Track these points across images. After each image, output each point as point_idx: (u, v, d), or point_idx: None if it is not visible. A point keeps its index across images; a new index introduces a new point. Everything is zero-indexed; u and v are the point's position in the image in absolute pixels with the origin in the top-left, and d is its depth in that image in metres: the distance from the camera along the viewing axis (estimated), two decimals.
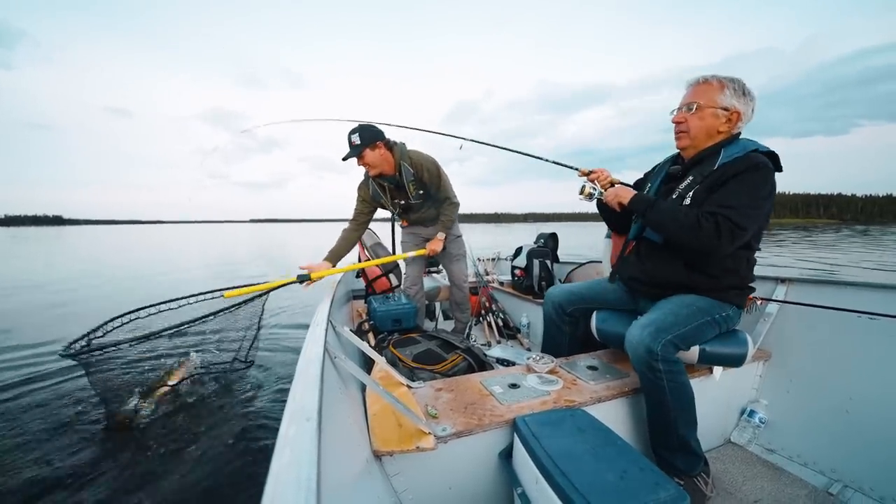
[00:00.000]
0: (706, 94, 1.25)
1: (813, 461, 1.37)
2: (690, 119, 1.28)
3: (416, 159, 2.16)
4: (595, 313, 1.60)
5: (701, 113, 1.26)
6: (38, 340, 3.56)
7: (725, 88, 1.23)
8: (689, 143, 1.31)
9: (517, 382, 1.32)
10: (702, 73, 1.31)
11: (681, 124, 1.31)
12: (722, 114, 1.24)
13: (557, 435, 0.99)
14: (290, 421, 0.53)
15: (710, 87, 1.25)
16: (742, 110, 1.24)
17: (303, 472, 0.42)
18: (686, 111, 1.28)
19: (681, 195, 1.28)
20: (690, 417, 1.21)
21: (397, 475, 1.00)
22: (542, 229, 3.17)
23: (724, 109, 1.24)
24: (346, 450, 0.83)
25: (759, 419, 1.52)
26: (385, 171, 2.15)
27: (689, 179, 1.28)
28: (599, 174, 1.49)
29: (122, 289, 6.88)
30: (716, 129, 1.26)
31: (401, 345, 1.73)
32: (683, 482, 1.21)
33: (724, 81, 1.24)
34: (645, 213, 1.29)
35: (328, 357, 0.99)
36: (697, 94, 1.27)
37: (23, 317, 4.60)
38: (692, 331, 1.23)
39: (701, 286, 1.30)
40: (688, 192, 1.27)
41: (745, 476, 1.37)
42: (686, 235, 1.18)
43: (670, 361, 1.16)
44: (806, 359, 1.49)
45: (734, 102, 1.23)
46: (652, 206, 1.28)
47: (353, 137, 2.02)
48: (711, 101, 1.24)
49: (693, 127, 1.28)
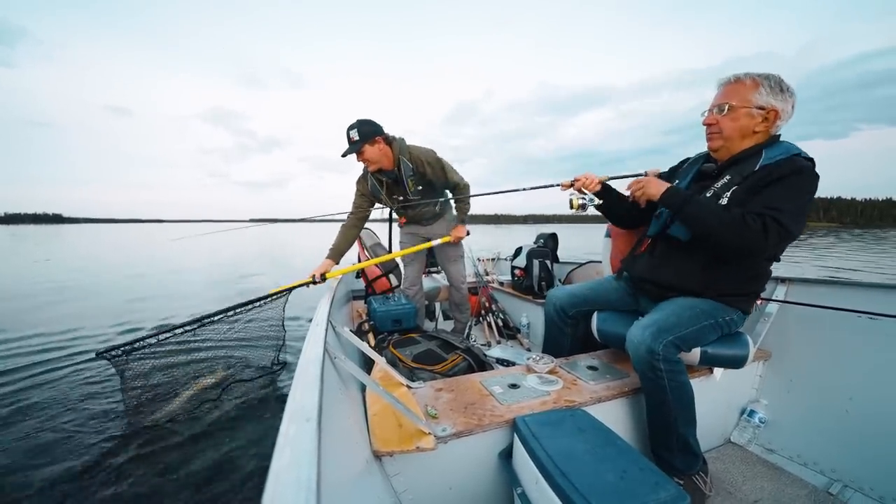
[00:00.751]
0: (739, 93, 1.19)
1: (813, 461, 1.37)
2: (723, 121, 1.22)
3: (415, 154, 2.14)
4: (596, 314, 1.59)
5: (734, 114, 1.19)
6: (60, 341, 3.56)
7: (760, 86, 1.17)
8: (722, 144, 1.25)
9: (517, 382, 1.32)
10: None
11: (712, 126, 1.25)
12: (758, 113, 1.18)
13: (557, 435, 0.99)
14: (290, 421, 0.53)
15: (743, 86, 1.19)
16: (780, 108, 1.17)
17: (303, 472, 0.42)
18: (717, 112, 1.22)
19: (716, 194, 1.22)
20: (690, 417, 1.21)
21: (397, 475, 1.00)
22: (542, 230, 3.17)
23: (760, 108, 1.17)
24: (346, 450, 0.83)
25: (759, 419, 1.52)
26: (384, 166, 2.13)
27: (727, 179, 1.22)
28: (584, 181, 1.47)
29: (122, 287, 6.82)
30: (751, 130, 1.20)
31: (401, 345, 1.73)
32: (683, 482, 1.21)
33: (759, 79, 1.17)
34: (682, 207, 1.18)
35: (328, 357, 0.99)
36: (729, 95, 1.21)
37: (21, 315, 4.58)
38: (694, 333, 1.22)
39: (710, 290, 1.27)
40: (725, 191, 1.21)
41: (744, 476, 1.37)
42: (730, 233, 1.10)
43: (671, 361, 1.16)
44: (806, 359, 1.49)
45: (771, 100, 1.16)
46: (689, 200, 1.18)
47: (352, 133, 2.00)
48: (745, 101, 1.18)
49: (726, 128, 1.21)
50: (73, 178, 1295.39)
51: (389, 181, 2.22)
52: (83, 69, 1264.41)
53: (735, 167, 1.22)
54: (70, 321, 4.24)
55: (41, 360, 3.04)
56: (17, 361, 2.98)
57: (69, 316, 4.51)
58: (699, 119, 1.30)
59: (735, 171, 1.21)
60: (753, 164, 1.18)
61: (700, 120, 1.29)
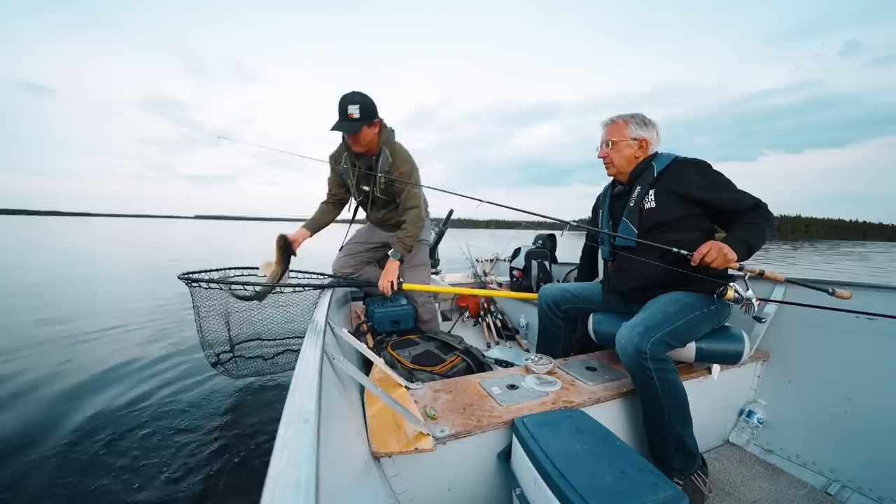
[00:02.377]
0: (617, 131, 1.51)
1: (811, 461, 1.38)
2: (611, 153, 1.52)
3: (397, 151, 1.93)
4: (592, 315, 1.62)
5: (618, 146, 1.51)
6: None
7: (630, 124, 1.50)
8: (616, 171, 1.54)
9: (516, 383, 1.32)
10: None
11: (605, 158, 1.55)
12: (633, 143, 1.50)
13: (556, 436, 0.99)
14: (289, 422, 0.53)
15: (618, 125, 1.52)
16: (647, 137, 1.50)
17: (301, 473, 0.42)
18: (606, 147, 1.53)
19: (637, 201, 1.46)
20: (685, 415, 1.21)
21: (396, 476, 1.00)
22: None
23: (634, 139, 1.50)
24: (344, 451, 0.83)
25: (758, 419, 1.52)
26: (368, 151, 1.90)
27: (638, 189, 1.46)
28: (716, 258, 1.22)
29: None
30: (633, 156, 1.51)
31: (399, 346, 1.73)
32: (682, 482, 1.21)
33: (627, 118, 1.51)
34: (749, 252, 1.27)
35: (326, 358, 0.99)
36: (611, 133, 1.53)
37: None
38: (683, 326, 1.26)
39: (683, 280, 1.35)
40: (642, 197, 1.44)
41: (743, 476, 1.37)
42: (769, 233, 1.30)
43: (659, 360, 1.18)
44: (804, 359, 1.49)
45: (640, 132, 1.49)
46: (748, 244, 1.26)
47: (352, 109, 1.71)
48: (622, 136, 1.50)
49: (615, 158, 1.52)
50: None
51: (362, 169, 1.96)
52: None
53: (639, 179, 1.49)
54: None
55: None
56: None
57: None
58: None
59: (641, 181, 1.47)
60: (651, 172, 1.45)
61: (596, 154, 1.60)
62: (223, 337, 2.07)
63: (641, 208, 1.45)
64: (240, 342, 2.15)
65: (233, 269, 1.93)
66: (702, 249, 1.24)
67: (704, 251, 1.23)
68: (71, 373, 2.71)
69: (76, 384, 2.54)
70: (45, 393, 2.44)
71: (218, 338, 2.06)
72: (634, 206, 1.46)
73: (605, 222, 1.62)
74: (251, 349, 2.18)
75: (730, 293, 1.23)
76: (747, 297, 1.23)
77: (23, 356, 2.98)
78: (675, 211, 1.38)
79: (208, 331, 2.01)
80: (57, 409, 2.22)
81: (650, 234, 1.42)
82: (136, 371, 2.79)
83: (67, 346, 3.25)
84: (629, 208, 1.48)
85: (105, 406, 2.28)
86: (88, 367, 2.82)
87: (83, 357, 3.03)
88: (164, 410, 2.26)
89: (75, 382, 2.56)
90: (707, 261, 1.22)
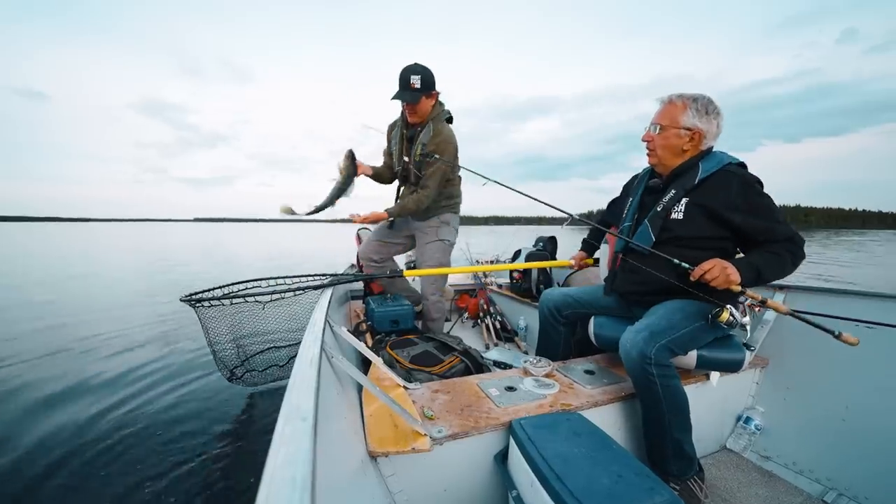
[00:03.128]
0: (670, 114, 1.31)
1: (808, 469, 1.37)
2: (657, 139, 1.34)
3: (441, 130, 1.93)
4: (593, 318, 1.61)
5: (665, 133, 1.32)
6: None
7: (688, 109, 1.28)
8: (657, 161, 1.38)
9: (514, 385, 1.32)
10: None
11: (649, 143, 1.38)
12: (685, 133, 1.29)
13: (553, 438, 0.99)
14: (286, 420, 0.53)
15: (675, 107, 1.30)
16: (704, 129, 1.28)
17: (298, 471, 0.42)
18: (653, 131, 1.35)
19: (666, 207, 1.34)
20: (684, 422, 1.21)
21: (392, 476, 1.00)
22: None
23: (687, 129, 1.29)
24: (341, 450, 0.83)
25: (755, 426, 1.52)
26: (421, 121, 1.94)
27: (672, 193, 1.33)
28: (717, 276, 1.16)
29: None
30: (680, 149, 1.32)
31: (398, 346, 1.73)
32: (679, 487, 1.21)
33: (687, 101, 1.29)
34: (757, 280, 1.21)
35: (325, 357, 0.99)
36: (663, 116, 1.33)
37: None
38: (687, 335, 1.24)
39: (694, 290, 1.29)
40: (673, 204, 1.32)
41: (739, 483, 1.37)
42: (790, 271, 1.23)
43: (663, 366, 1.17)
44: (803, 366, 1.49)
45: (696, 122, 1.28)
46: (758, 271, 1.20)
47: (414, 79, 1.76)
48: (675, 122, 1.30)
49: (658, 147, 1.35)
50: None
51: (408, 137, 2.00)
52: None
53: (677, 181, 1.34)
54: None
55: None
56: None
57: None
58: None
59: (678, 185, 1.33)
60: (693, 177, 1.29)
61: (641, 135, 1.41)
62: (234, 352, 2.09)
63: (667, 215, 1.33)
64: (253, 354, 2.17)
65: (235, 283, 1.92)
66: (704, 266, 1.18)
67: (707, 267, 1.17)
68: (74, 381, 2.71)
69: (83, 392, 2.54)
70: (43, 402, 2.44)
71: (229, 353, 2.07)
72: (661, 211, 1.35)
73: (630, 213, 1.50)
74: (265, 356, 2.20)
75: (724, 315, 1.17)
76: (742, 322, 1.19)
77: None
78: (701, 229, 1.28)
79: (219, 348, 2.02)
80: (51, 418, 2.22)
81: (666, 244, 1.34)
82: (145, 375, 2.80)
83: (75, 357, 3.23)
84: (655, 213, 1.37)
85: (110, 409, 2.28)
86: (98, 373, 2.83)
87: (94, 366, 3.02)
88: (163, 412, 2.27)
89: (82, 390, 2.56)
90: (707, 278, 1.16)
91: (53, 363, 3.02)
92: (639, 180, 1.56)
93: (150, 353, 3.27)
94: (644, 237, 1.38)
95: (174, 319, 4.33)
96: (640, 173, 1.58)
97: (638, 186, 1.53)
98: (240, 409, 2.27)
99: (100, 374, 2.76)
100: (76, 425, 2.09)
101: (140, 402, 2.36)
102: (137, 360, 3.07)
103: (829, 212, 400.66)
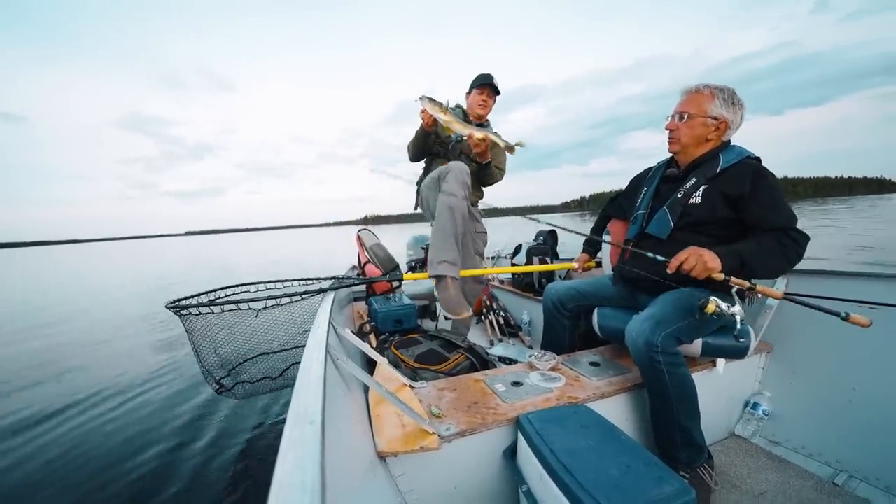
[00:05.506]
0: (697, 103, 1.32)
1: (817, 452, 1.37)
2: (682, 127, 1.35)
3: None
4: (597, 310, 1.61)
5: (692, 122, 1.33)
6: None
7: (716, 98, 1.30)
8: (680, 148, 1.39)
9: (520, 380, 1.32)
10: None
11: (673, 132, 1.38)
12: (711, 123, 1.31)
13: (561, 432, 0.99)
14: (294, 424, 0.53)
15: (702, 96, 1.32)
16: (730, 119, 1.31)
17: (307, 475, 0.42)
18: (678, 120, 1.36)
19: (686, 193, 1.34)
20: (693, 409, 1.21)
21: (402, 476, 1.00)
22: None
23: (714, 119, 1.31)
24: (349, 452, 0.83)
25: (763, 411, 1.52)
26: (484, 115, 2.20)
27: (693, 181, 1.34)
28: (695, 266, 1.14)
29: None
30: (705, 137, 1.34)
31: (402, 345, 1.73)
32: (688, 475, 1.21)
33: (715, 91, 1.31)
34: (742, 266, 1.19)
35: (330, 359, 0.99)
36: (689, 104, 1.34)
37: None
38: (694, 323, 1.24)
39: (674, 282, 1.29)
40: (694, 190, 1.33)
41: (749, 468, 1.37)
42: (783, 263, 1.20)
43: (670, 354, 1.17)
44: (808, 350, 1.49)
45: (723, 112, 1.30)
46: (741, 258, 1.18)
47: (496, 82, 2.14)
48: (702, 111, 1.31)
49: (684, 135, 1.35)
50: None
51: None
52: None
53: (698, 170, 1.35)
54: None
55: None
56: None
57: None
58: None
59: (699, 174, 1.34)
60: (714, 166, 1.31)
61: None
62: (222, 362, 1.93)
63: (686, 202, 1.33)
64: (243, 361, 2.00)
65: (221, 289, 1.85)
66: (680, 256, 1.15)
67: (683, 258, 1.14)
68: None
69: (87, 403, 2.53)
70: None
71: (215, 363, 1.92)
72: (682, 198, 1.34)
73: (645, 202, 1.50)
74: (256, 364, 2.02)
75: (710, 307, 1.10)
76: (731, 312, 1.12)
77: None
78: (718, 211, 1.28)
79: (206, 357, 1.88)
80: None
81: (684, 230, 1.33)
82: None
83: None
84: (675, 199, 1.36)
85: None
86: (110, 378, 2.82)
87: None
88: (164, 421, 2.27)
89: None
90: (685, 268, 1.14)
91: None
92: (654, 171, 1.58)
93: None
94: (663, 224, 1.38)
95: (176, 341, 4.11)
96: (655, 165, 1.61)
97: (654, 176, 1.54)
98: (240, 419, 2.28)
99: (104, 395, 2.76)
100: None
101: (147, 420, 2.37)
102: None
103: (817, 181, 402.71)
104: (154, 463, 1.88)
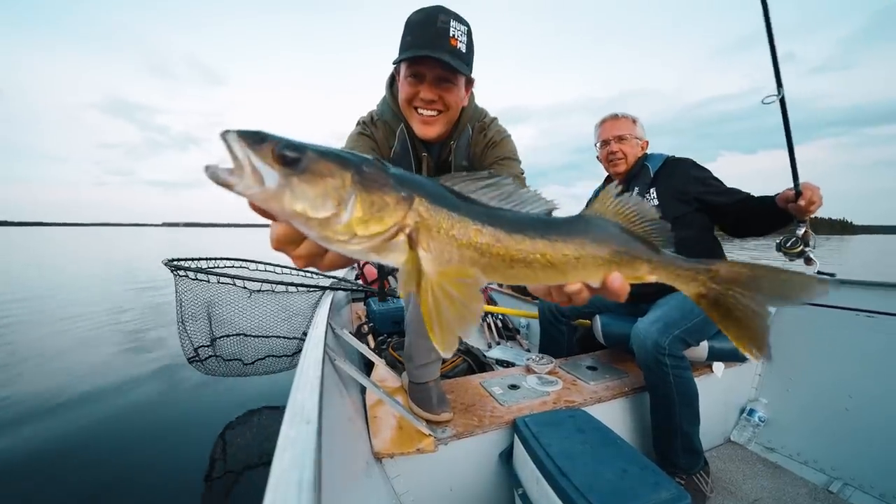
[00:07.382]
0: (625, 127, 1.54)
1: (813, 459, 1.38)
2: (624, 147, 1.53)
3: (489, 125, 1.11)
4: (598, 317, 1.60)
5: (630, 142, 1.54)
6: None
7: (636, 123, 1.55)
8: (626, 167, 1.55)
9: (517, 383, 1.32)
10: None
11: (617, 153, 1.55)
12: (637, 143, 1.54)
13: (558, 435, 0.99)
14: (290, 423, 0.53)
15: (627, 121, 1.55)
16: (647, 140, 1.59)
17: (303, 474, 0.42)
18: (617, 143, 1.54)
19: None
20: (694, 414, 1.22)
21: (398, 477, 1.00)
22: None
23: (638, 139, 1.55)
24: (346, 452, 0.83)
25: (759, 418, 1.52)
26: (439, 132, 1.00)
27: (636, 190, 1.50)
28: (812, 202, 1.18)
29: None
30: (635, 155, 1.56)
31: (400, 347, 1.72)
32: (684, 481, 1.21)
33: (634, 117, 1.55)
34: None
35: (328, 360, 0.99)
36: (619, 128, 1.54)
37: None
38: (699, 324, 1.25)
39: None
40: (643, 196, 1.46)
41: (744, 475, 1.37)
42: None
43: (677, 357, 1.18)
44: (805, 357, 1.49)
45: (642, 134, 1.56)
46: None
47: (457, 32, 0.89)
48: (632, 133, 1.54)
49: (627, 154, 1.54)
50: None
51: (432, 162, 1.11)
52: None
53: (636, 180, 1.53)
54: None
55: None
56: None
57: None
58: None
59: (640, 182, 1.51)
60: (648, 173, 1.49)
61: (596, 155, 1.63)
62: (204, 329, 1.89)
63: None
64: (221, 336, 1.94)
65: (222, 258, 1.82)
66: (813, 196, 1.16)
67: (818, 195, 1.17)
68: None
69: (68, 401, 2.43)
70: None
71: (198, 330, 1.88)
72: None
73: None
74: (231, 346, 1.97)
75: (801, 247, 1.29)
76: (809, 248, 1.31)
77: None
78: (676, 209, 1.41)
79: (189, 323, 1.85)
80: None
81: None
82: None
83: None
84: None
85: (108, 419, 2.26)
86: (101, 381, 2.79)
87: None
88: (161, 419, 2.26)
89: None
90: (817, 203, 1.17)
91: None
92: (594, 193, 1.72)
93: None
94: None
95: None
96: (597, 189, 1.74)
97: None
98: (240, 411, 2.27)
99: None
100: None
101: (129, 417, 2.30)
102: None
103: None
104: (136, 459, 1.84)
